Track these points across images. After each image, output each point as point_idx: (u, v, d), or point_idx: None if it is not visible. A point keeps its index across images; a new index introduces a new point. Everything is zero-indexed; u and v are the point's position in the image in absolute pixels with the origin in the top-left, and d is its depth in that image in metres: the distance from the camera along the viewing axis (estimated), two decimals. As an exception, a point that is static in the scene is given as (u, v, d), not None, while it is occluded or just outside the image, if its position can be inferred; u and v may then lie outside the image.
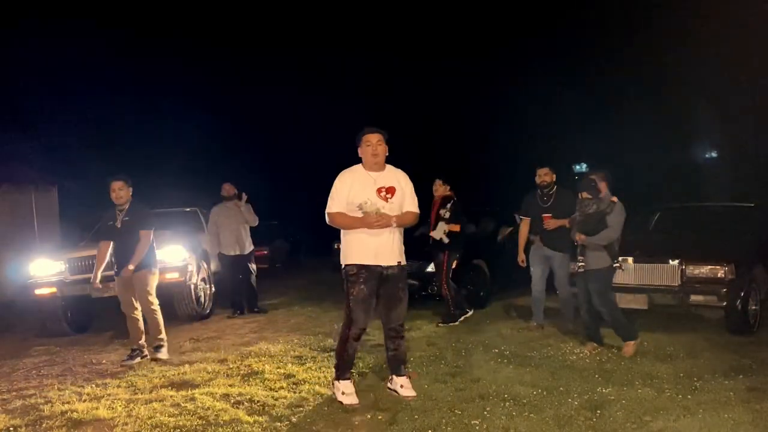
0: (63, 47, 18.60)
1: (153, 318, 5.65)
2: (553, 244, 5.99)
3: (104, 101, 19.46)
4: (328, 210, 4.13)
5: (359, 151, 4.19)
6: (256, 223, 8.08)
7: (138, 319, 5.63)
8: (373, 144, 4.09)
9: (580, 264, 5.13)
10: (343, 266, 4.15)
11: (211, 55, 23.59)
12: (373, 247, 4.04)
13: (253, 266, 8.11)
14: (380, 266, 4.07)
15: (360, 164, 4.21)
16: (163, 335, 5.70)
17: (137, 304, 5.62)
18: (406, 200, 4.18)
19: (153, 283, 5.66)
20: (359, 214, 4.03)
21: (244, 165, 18.04)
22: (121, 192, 5.61)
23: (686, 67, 18.56)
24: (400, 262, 4.16)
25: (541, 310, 6.21)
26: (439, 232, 6.55)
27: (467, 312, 6.72)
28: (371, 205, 4.00)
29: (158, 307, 5.69)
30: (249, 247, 8.02)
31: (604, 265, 5.05)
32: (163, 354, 5.61)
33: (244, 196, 7.99)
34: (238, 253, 7.89)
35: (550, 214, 5.97)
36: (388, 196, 4.09)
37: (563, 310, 6.14)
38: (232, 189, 7.97)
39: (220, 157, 21.00)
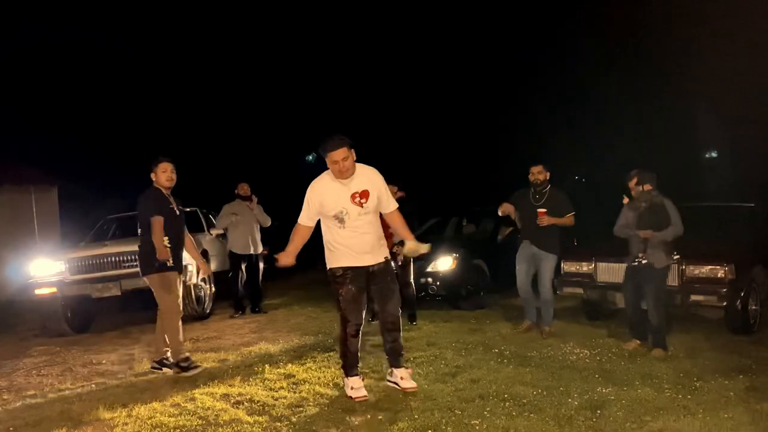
0: (63, 46, 18.61)
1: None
2: (542, 243, 5.88)
3: (105, 101, 19.48)
4: (299, 220, 4.10)
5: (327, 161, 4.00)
6: (269, 224, 8.16)
7: None
8: (339, 162, 3.90)
9: (642, 259, 5.03)
10: (328, 268, 4.14)
11: (211, 55, 23.64)
12: (356, 252, 4.04)
13: (261, 265, 8.20)
14: (365, 266, 4.09)
15: (329, 171, 4.06)
16: None
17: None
18: (382, 201, 4.11)
19: None
20: (337, 225, 3.99)
21: (243, 165, 18.06)
22: (173, 174, 4.97)
23: (687, 67, 18.56)
24: (386, 257, 4.21)
25: (533, 308, 6.15)
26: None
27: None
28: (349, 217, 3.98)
29: None
30: (261, 248, 8.12)
31: (664, 264, 5.03)
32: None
33: (254, 199, 8.08)
34: (250, 252, 7.97)
35: (545, 209, 5.82)
36: (363, 200, 3.99)
37: (542, 312, 5.98)
38: (249, 189, 8.07)
39: (220, 157, 21.04)
